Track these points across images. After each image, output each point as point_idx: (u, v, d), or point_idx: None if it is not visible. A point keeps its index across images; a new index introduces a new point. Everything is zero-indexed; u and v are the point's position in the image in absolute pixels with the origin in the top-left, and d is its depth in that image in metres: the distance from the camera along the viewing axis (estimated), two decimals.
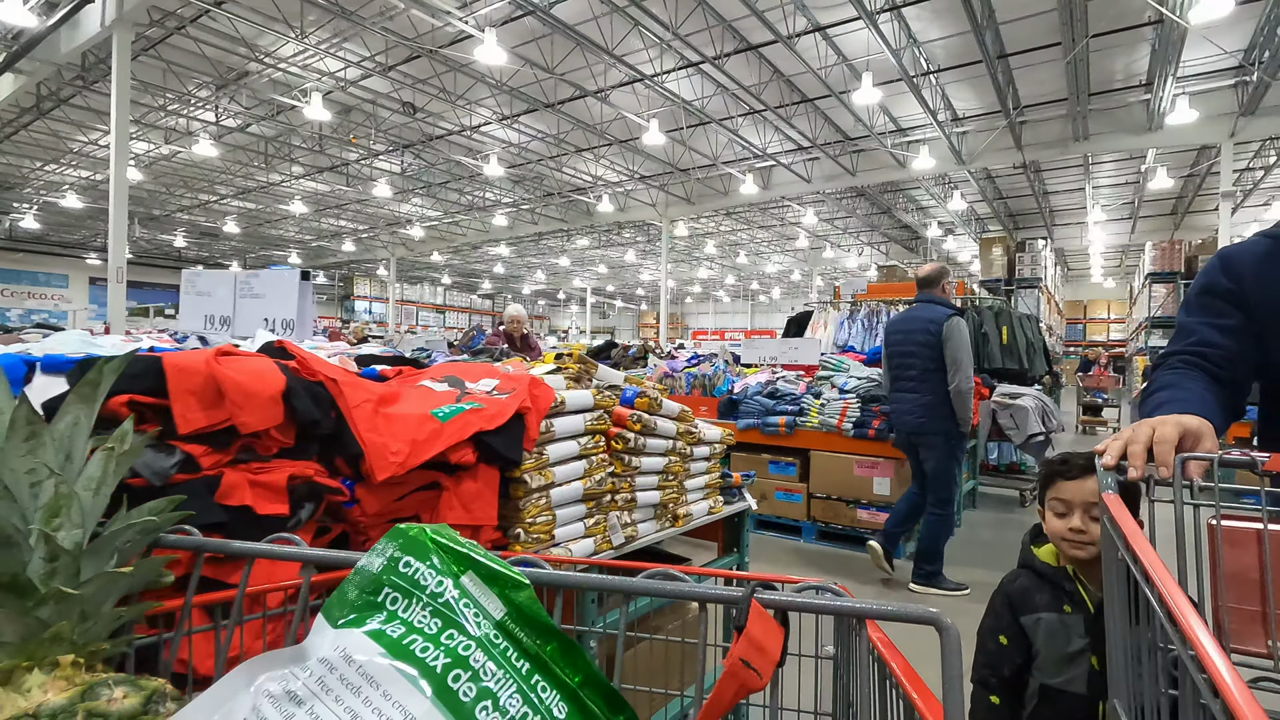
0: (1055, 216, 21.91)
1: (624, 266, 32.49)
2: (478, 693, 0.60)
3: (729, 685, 0.64)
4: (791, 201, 21.19)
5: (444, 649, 0.61)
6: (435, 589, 0.63)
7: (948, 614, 0.63)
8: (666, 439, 1.87)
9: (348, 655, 0.60)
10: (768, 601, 0.68)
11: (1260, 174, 16.98)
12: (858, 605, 0.71)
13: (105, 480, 0.73)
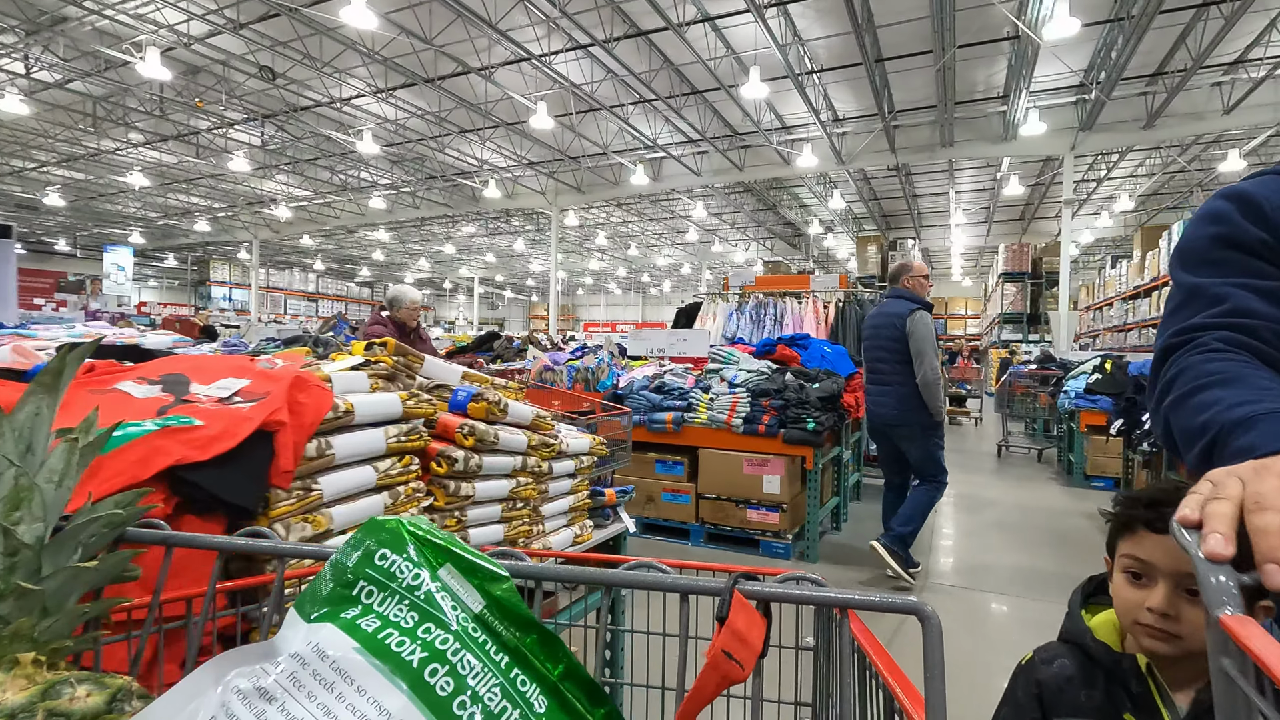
0: (922, 218, 23.35)
1: (513, 256, 31.52)
2: (455, 687, 0.59)
3: (711, 677, 0.64)
4: (682, 194, 21.24)
5: (421, 643, 0.59)
6: (412, 582, 0.62)
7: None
8: (513, 455, 1.48)
9: (321, 650, 0.58)
10: (750, 592, 0.69)
11: (1094, 185, 18.80)
12: (841, 595, 0.71)
13: (68, 473, 0.72)
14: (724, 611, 0.65)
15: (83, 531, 0.71)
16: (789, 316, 8.01)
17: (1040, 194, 19.58)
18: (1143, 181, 18.59)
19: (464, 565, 0.64)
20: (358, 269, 35.64)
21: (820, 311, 7.92)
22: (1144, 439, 4.06)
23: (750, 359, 4.83)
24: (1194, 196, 19.21)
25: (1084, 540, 4.92)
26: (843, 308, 7.74)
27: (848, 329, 7.60)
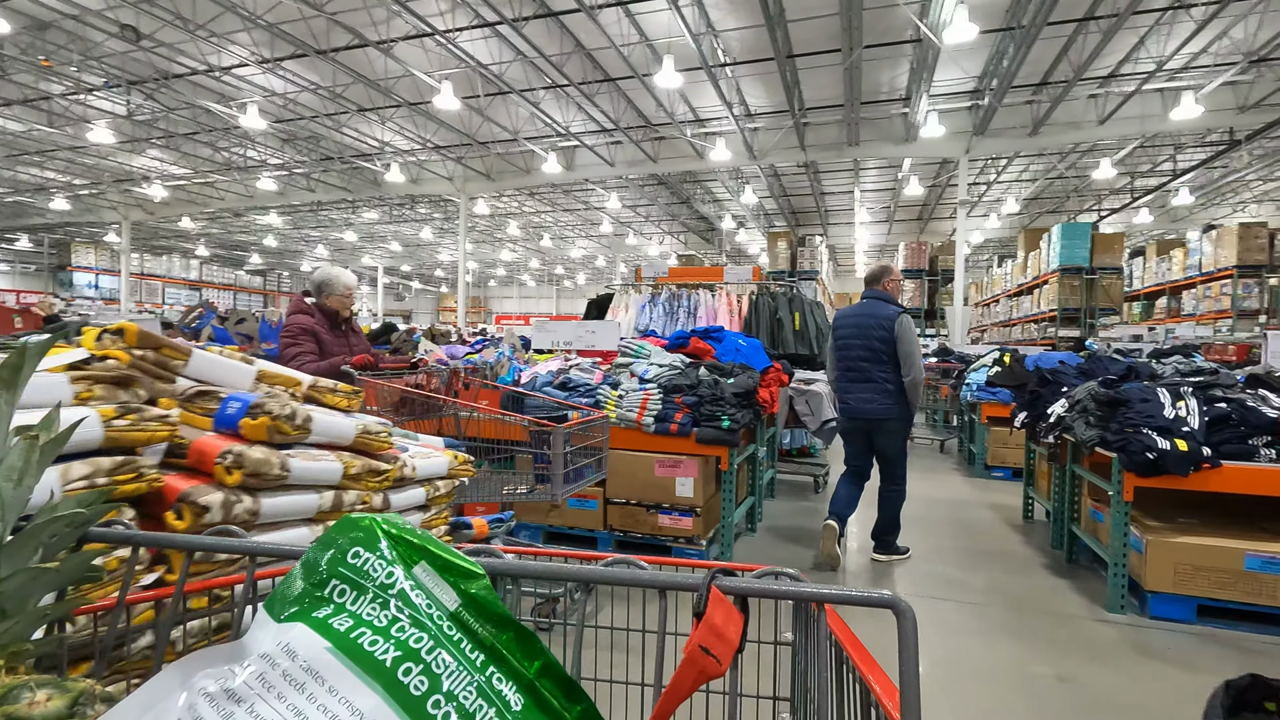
0: (829, 216, 23.99)
1: (420, 245, 30.12)
2: (430, 686, 0.58)
3: (689, 672, 0.63)
4: (595, 185, 20.82)
5: (394, 642, 0.59)
6: (385, 580, 0.62)
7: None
8: (317, 490, 1.09)
9: (291, 650, 0.57)
10: (727, 587, 0.68)
11: (984, 188, 19.83)
12: (817, 590, 0.71)
13: (28, 471, 0.70)
14: (701, 607, 0.65)
15: (43, 531, 0.70)
16: (702, 309, 7.82)
17: (937, 195, 20.47)
18: (1027, 186, 19.76)
19: (439, 563, 0.64)
20: (247, 256, 33.08)
21: (734, 304, 7.77)
22: (1049, 432, 4.05)
23: (662, 353, 4.55)
24: (1070, 201, 20.62)
25: (989, 532, 4.94)
26: (756, 300, 7.62)
27: (761, 321, 7.47)
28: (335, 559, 0.62)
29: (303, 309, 3.67)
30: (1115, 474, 3.35)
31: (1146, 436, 3.26)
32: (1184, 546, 3.23)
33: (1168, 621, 3.25)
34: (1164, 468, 3.19)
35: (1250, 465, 3.17)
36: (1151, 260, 15.92)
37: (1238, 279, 12.78)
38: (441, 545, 0.65)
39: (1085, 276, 14.25)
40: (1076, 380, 4.43)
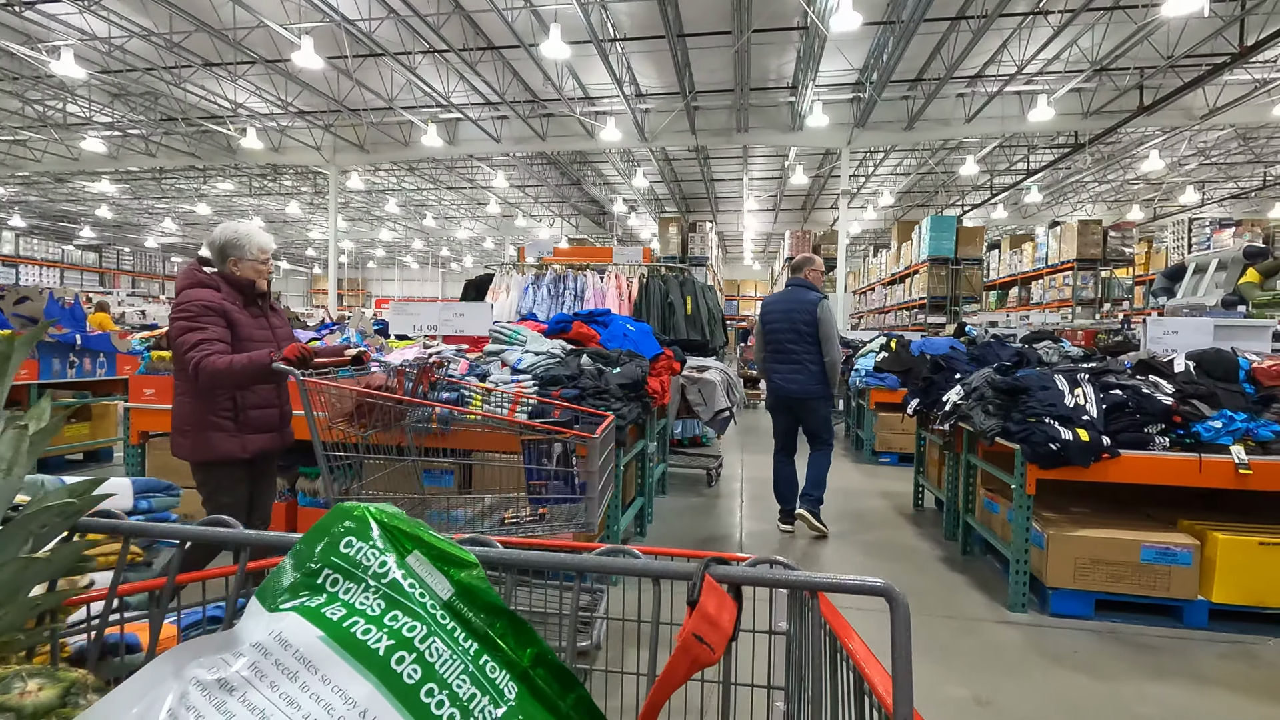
0: (719, 203, 24.10)
1: (287, 221, 27.50)
2: (424, 674, 0.58)
3: (682, 661, 0.63)
4: (481, 162, 19.68)
5: (388, 631, 0.59)
6: (378, 570, 0.62)
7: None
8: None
9: (283, 639, 0.57)
10: (721, 575, 0.68)
11: (863, 181, 20.53)
12: (810, 578, 0.70)
13: (17, 461, 0.70)
14: (695, 595, 0.66)
15: (33, 521, 0.70)
16: (590, 291, 7.28)
17: (820, 185, 20.97)
18: (900, 180, 20.66)
19: (433, 552, 0.65)
20: (77, 229, 28.93)
21: (624, 286, 7.29)
22: (945, 420, 3.86)
23: (540, 338, 3.98)
24: (938, 196, 21.79)
25: (882, 524, 4.78)
26: (647, 283, 7.17)
27: (651, 305, 7.05)
28: (328, 548, 0.62)
29: (200, 279, 2.58)
30: (1018, 466, 3.16)
31: (1049, 426, 3.08)
32: (1084, 540, 3.09)
33: (1068, 619, 3.11)
34: (1067, 459, 3.02)
35: (1147, 454, 3.06)
36: (1006, 253, 17.03)
37: (1077, 271, 13.85)
38: (435, 534, 0.66)
39: (951, 267, 14.96)
40: (969, 367, 4.29)
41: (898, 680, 0.60)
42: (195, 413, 2.57)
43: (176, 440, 2.61)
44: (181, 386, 2.61)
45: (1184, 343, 3.88)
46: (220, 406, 2.60)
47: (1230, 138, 15.90)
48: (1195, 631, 2.98)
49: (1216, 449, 3.03)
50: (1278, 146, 16.44)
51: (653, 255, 7.72)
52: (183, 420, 2.59)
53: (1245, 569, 2.93)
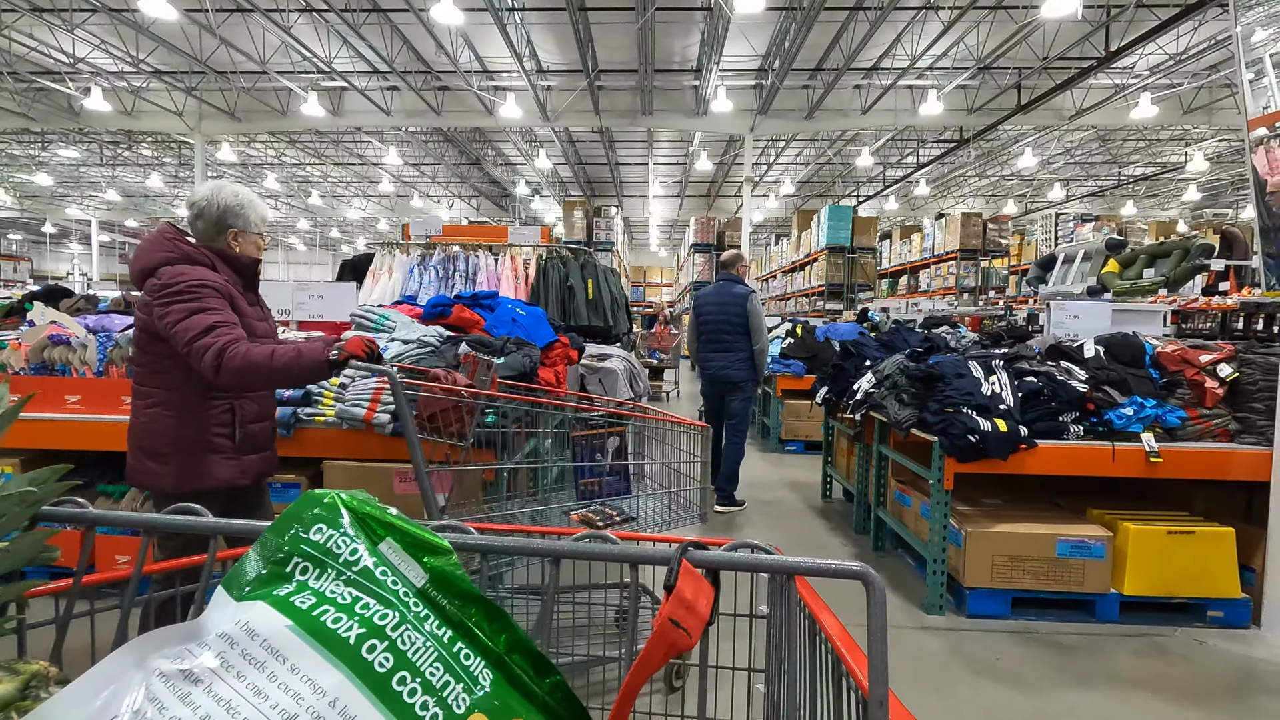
0: (624, 188, 23.69)
1: (148, 195, 24.65)
2: (396, 662, 0.57)
3: (659, 645, 0.62)
4: (370, 136, 18.28)
5: (359, 619, 0.58)
6: (349, 557, 0.60)
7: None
8: None
9: (250, 629, 0.56)
10: (698, 560, 0.68)
11: (765, 169, 20.71)
12: (787, 561, 0.71)
13: None
14: (672, 580, 0.65)
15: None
16: (483, 273, 6.66)
17: (724, 172, 20.99)
18: (801, 169, 21.01)
19: (406, 539, 0.64)
20: None
21: (520, 269, 6.72)
22: (857, 409, 3.62)
23: (413, 324, 3.40)
24: (835, 186, 22.36)
25: (790, 517, 4.55)
26: (544, 265, 6.64)
27: (550, 289, 6.53)
28: (297, 536, 0.60)
29: (188, 253, 1.97)
30: (936, 459, 2.93)
31: (968, 417, 2.86)
32: (1002, 536, 2.91)
33: (985, 619, 2.92)
34: (986, 451, 2.81)
35: (1065, 444, 2.91)
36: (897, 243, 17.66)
37: (960, 260, 14.49)
38: (409, 521, 0.64)
39: (847, 255, 15.31)
40: (879, 354, 4.09)
41: (873, 661, 0.62)
42: (180, 429, 1.93)
43: (145, 467, 1.95)
44: (154, 394, 1.95)
45: (1085, 327, 3.82)
46: (216, 421, 1.98)
47: (1092, 139, 17.13)
48: (1107, 626, 2.87)
49: (1128, 437, 2.92)
50: (1130, 149, 17.89)
51: (552, 236, 7.18)
52: (158, 439, 1.93)
53: (1155, 559, 2.84)
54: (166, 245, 1.95)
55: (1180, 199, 20.57)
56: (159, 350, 1.89)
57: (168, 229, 2.01)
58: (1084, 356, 3.17)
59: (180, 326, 1.82)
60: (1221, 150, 16.89)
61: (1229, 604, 2.85)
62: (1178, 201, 21.57)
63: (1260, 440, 2.86)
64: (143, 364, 1.94)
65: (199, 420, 1.95)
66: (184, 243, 1.98)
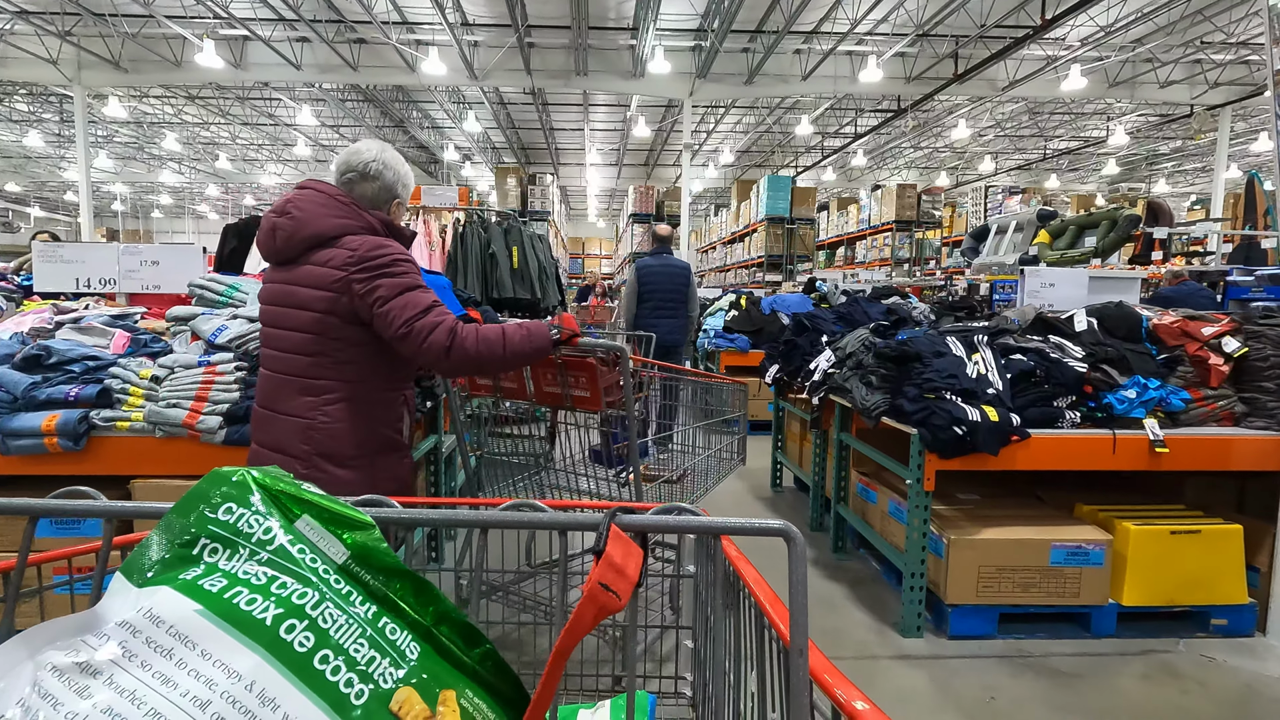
0: (560, 155, 22.63)
1: (30, 156, 22.01)
2: (317, 641, 0.56)
3: (588, 609, 0.62)
4: (281, 93, 16.65)
5: (275, 599, 0.56)
6: (263, 536, 0.59)
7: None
8: None
9: (155, 615, 0.53)
10: (627, 524, 0.67)
11: (704, 137, 20.08)
12: (713, 522, 0.71)
13: None
14: (601, 545, 0.64)
15: None
16: None
17: (663, 140, 20.24)
18: (740, 138, 20.47)
19: (324, 515, 0.62)
20: None
21: (435, 234, 5.93)
22: (815, 392, 3.10)
23: None
24: (775, 156, 21.96)
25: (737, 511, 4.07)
26: (463, 231, 5.86)
27: (469, 257, 5.77)
28: (204, 517, 0.58)
29: (371, 223, 1.68)
30: (915, 456, 2.44)
31: (952, 404, 2.37)
32: (989, 544, 2.45)
33: (969, 640, 2.48)
34: (974, 445, 2.32)
35: (1060, 434, 2.46)
36: (834, 214, 17.47)
37: (895, 232, 14.38)
38: (326, 497, 0.62)
39: (786, 226, 15.02)
40: (837, 327, 3.59)
41: (794, 613, 0.62)
42: (369, 428, 1.69)
43: (329, 475, 1.61)
44: (336, 389, 1.64)
45: (1061, 296, 3.41)
46: (395, 415, 1.77)
47: (1022, 111, 17.22)
48: (1104, 642, 2.47)
49: (1127, 423, 2.49)
50: (1057, 122, 18.12)
51: (472, 197, 6.39)
52: (344, 442, 1.65)
53: (1157, 564, 2.45)
54: (344, 210, 1.64)
55: (1099, 173, 21.14)
56: (345, 336, 1.61)
57: (334, 190, 1.69)
58: (1075, 330, 2.73)
59: (395, 304, 1.57)
60: (1139, 125, 17.28)
61: (1233, 610, 2.49)
62: (1096, 176, 22.19)
63: (1271, 424, 2.48)
64: (318, 353, 1.62)
65: (384, 415, 1.71)
66: (360, 208, 1.67)
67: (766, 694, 0.73)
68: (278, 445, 1.63)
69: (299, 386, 1.62)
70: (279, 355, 1.65)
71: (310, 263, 1.59)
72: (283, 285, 1.64)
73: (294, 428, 1.60)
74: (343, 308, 1.58)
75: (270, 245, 1.65)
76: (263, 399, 1.69)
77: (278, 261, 1.65)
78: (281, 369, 1.64)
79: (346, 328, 1.60)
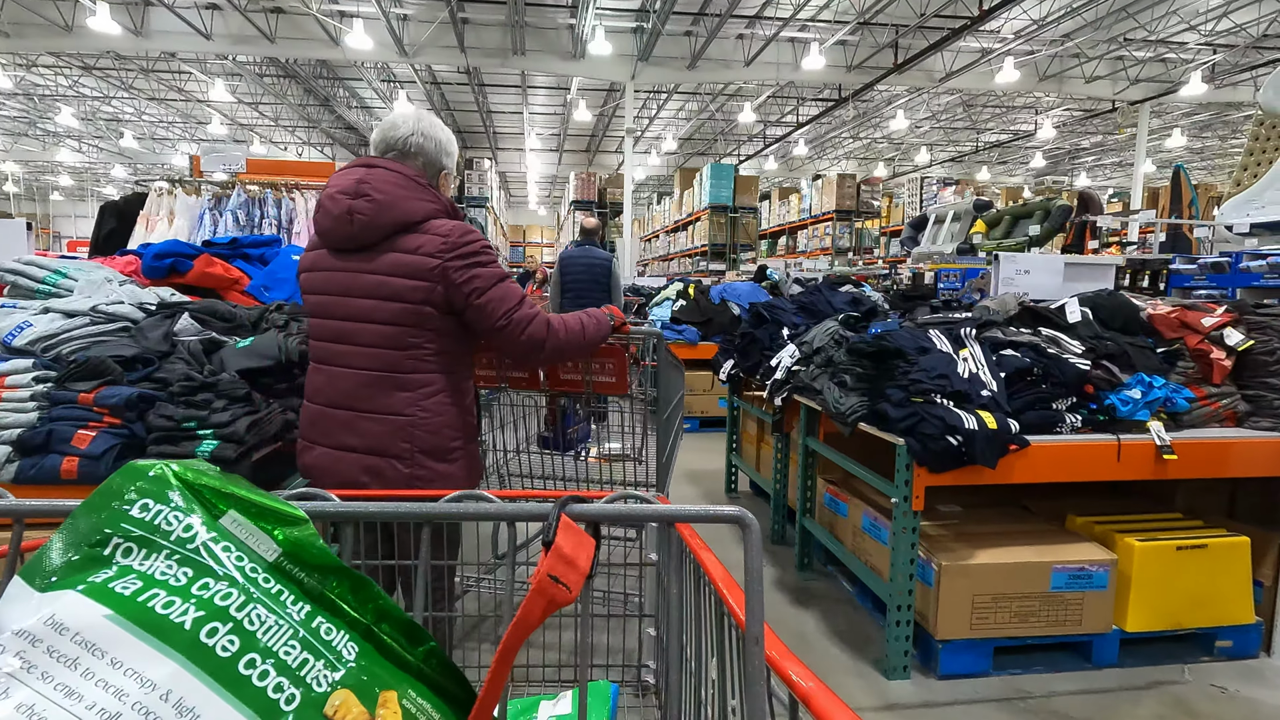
0: (499, 139, 21.74)
1: None
2: (242, 645, 0.52)
3: (537, 602, 0.60)
4: (191, 66, 15.24)
5: (196, 601, 0.52)
6: (183, 534, 0.54)
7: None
8: None
9: (58, 623, 0.49)
10: (577, 514, 0.65)
11: (647, 123, 19.60)
12: (667, 510, 0.69)
13: None
14: (550, 536, 0.62)
15: None
16: (301, 223, 5.16)
17: (604, 125, 19.65)
18: (683, 125, 20.09)
19: (254, 510, 0.59)
20: None
21: None
22: (777, 391, 2.72)
23: (109, 285, 2.06)
24: (717, 144, 21.69)
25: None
26: None
27: None
28: (117, 514, 0.54)
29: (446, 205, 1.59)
30: (902, 470, 2.07)
31: (945, 410, 2.01)
32: (984, 570, 2.12)
33: (962, 680, 2.14)
34: (971, 456, 1.98)
35: (1059, 441, 2.14)
36: (775, 203, 17.36)
37: (836, 221, 14.35)
38: (257, 491, 0.60)
39: (729, 215, 14.82)
40: (798, 319, 3.21)
41: (750, 600, 0.61)
42: (463, 419, 1.59)
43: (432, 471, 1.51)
44: (433, 381, 1.53)
45: (1035, 284, 3.13)
46: (473, 403, 1.68)
47: (957, 103, 17.44)
48: (1107, 673, 2.18)
49: (1129, 426, 2.20)
50: (989, 115, 18.47)
51: None
52: (446, 435, 1.54)
53: (1162, 584, 2.17)
54: (424, 192, 1.55)
55: (1027, 166, 21.77)
56: (439, 326, 1.53)
57: (407, 168, 1.56)
58: (1067, 321, 2.42)
59: (493, 296, 1.53)
60: (1065, 119, 17.78)
61: (1238, 630, 2.24)
62: (1024, 169, 22.86)
63: (1278, 424, 2.23)
64: (413, 345, 1.51)
65: (470, 404, 1.66)
66: (434, 189, 1.59)
67: (727, 682, 0.73)
68: (371, 447, 1.52)
69: (393, 383, 1.51)
70: (361, 350, 1.52)
71: (396, 250, 1.49)
72: (358, 274, 1.50)
73: (391, 427, 1.50)
74: (438, 297, 1.50)
75: (344, 231, 1.50)
76: (337, 399, 1.55)
77: (352, 248, 1.51)
78: (366, 365, 1.52)
79: (441, 318, 1.52)
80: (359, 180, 1.50)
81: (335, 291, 1.53)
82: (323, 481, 1.51)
